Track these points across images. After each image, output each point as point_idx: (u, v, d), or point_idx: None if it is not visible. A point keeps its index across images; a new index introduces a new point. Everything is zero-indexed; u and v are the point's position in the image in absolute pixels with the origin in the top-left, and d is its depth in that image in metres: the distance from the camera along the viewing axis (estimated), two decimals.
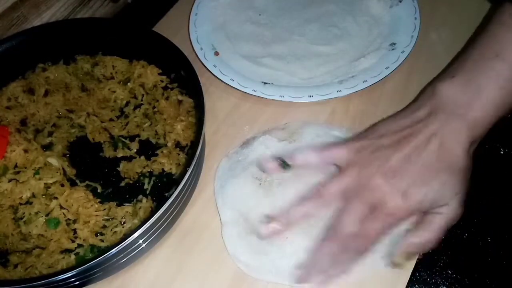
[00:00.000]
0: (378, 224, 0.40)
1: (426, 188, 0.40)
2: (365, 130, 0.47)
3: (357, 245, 0.41)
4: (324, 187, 0.43)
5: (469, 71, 0.43)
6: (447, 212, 0.40)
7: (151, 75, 0.59)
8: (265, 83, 0.58)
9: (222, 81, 0.58)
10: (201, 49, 0.62)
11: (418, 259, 0.46)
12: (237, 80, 0.58)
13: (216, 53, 0.62)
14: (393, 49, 0.59)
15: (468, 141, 0.41)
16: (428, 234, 0.40)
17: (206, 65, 0.60)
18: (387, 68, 0.57)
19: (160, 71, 0.59)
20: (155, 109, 0.57)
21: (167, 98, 0.57)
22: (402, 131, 0.42)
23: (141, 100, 0.59)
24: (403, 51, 0.58)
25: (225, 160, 0.54)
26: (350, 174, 0.42)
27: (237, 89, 0.57)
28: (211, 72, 0.59)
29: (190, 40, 0.63)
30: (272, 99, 0.56)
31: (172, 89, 0.58)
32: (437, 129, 0.41)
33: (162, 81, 0.59)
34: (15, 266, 0.46)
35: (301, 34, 0.64)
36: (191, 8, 0.66)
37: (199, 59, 0.61)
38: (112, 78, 0.60)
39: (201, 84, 0.51)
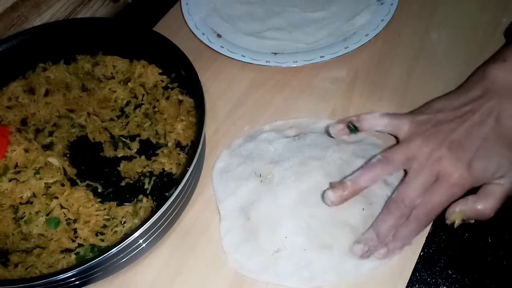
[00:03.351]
0: (442, 194, 0.41)
1: (488, 160, 0.42)
2: (420, 107, 0.49)
3: (420, 216, 0.42)
4: (390, 153, 0.44)
5: None
6: (504, 183, 0.42)
7: (151, 75, 0.59)
8: (275, 53, 0.60)
9: (233, 59, 0.60)
10: (203, 34, 0.63)
11: (418, 259, 0.46)
12: (248, 55, 0.60)
13: (219, 36, 0.63)
14: (382, 4, 0.64)
15: None
16: (488, 202, 0.42)
17: (213, 47, 0.61)
18: (383, 20, 0.61)
19: (161, 70, 0.59)
20: (156, 109, 0.57)
21: (167, 98, 0.57)
22: (460, 108, 0.45)
23: (142, 100, 0.59)
24: (391, 4, 0.63)
25: (226, 153, 0.54)
26: (414, 143, 0.44)
27: (250, 63, 0.59)
28: (219, 53, 0.60)
29: (190, 28, 0.64)
30: (286, 66, 0.58)
31: (172, 89, 0.58)
32: (493, 107, 0.43)
33: (162, 81, 0.59)
34: (16, 265, 0.46)
35: (293, 5, 0.67)
36: None
37: (204, 44, 0.62)
38: (113, 78, 0.60)
39: (201, 84, 0.51)
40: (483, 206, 0.42)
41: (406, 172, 0.44)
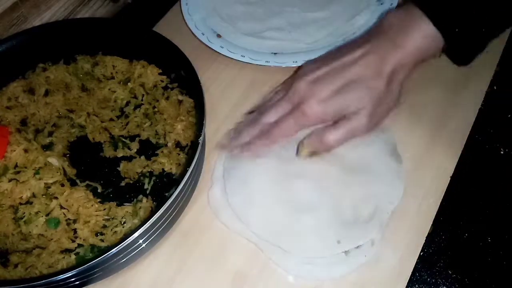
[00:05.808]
0: (292, 121, 0.46)
1: (340, 100, 0.44)
2: None
3: (272, 134, 0.47)
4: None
5: (412, 6, 0.45)
6: (353, 119, 0.44)
7: (151, 75, 0.59)
8: (275, 53, 0.60)
9: (233, 59, 0.60)
10: (203, 34, 0.63)
11: (418, 259, 0.46)
12: (247, 55, 0.60)
13: (219, 36, 0.63)
14: (381, 4, 0.64)
15: (392, 65, 0.44)
16: (333, 135, 0.44)
17: (212, 48, 0.61)
18: None
19: (160, 71, 0.59)
20: (155, 109, 0.57)
21: (167, 98, 0.57)
22: (341, 50, 0.47)
23: (141, 100, 0.59)
24: (391, 4, 0.63)
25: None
26: (291, 79, 0.48)
27: (250, 63, 0.59)
28: (219, 53, 0.61)
29: (190, 28, 0.64)
30: (286, 67, 0.58)
31: (172, 89, 0.58)
32: (368, 51, 0.45)
33: (162, 81, 0.59)
34: (15, 265, 0.46)
35: (293, 5, 0.67)
36: None
37: (204, 44, 0.62)
38: (112, 78, 0.60)
39: (201, 84, 0.51)
40: (327, 138, 0.44)
41: None
